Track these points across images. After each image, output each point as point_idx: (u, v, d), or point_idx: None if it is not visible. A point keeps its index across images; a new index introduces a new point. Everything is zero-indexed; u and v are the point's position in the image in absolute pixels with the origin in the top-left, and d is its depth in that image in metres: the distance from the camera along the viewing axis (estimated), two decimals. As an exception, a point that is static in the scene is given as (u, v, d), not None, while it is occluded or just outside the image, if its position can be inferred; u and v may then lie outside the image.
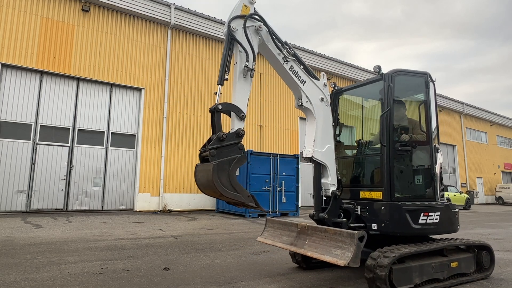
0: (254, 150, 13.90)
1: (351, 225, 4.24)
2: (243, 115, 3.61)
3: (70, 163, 12.41)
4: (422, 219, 4.13)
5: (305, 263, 4.70)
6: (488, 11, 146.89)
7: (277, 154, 13.61)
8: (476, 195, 28.88)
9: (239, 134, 3.48)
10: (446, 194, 20.23)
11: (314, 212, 4.26)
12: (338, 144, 5.03)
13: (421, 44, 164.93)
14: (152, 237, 7.33)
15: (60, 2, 12.65)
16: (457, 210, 4.60)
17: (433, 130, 4.56)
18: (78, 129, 12.73)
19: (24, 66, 11.85)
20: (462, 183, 28.62)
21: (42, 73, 12.29)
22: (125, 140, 13.64)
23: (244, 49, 3.72)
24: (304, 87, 4.23)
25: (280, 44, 4.10)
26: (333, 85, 5.33)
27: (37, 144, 11.93)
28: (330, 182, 4.23)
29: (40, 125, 12.06)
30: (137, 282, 4.02)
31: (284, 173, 13.41)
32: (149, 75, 14.18)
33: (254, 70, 3.78)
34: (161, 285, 3.94)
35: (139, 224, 9.45)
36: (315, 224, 4.05)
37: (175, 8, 14.72)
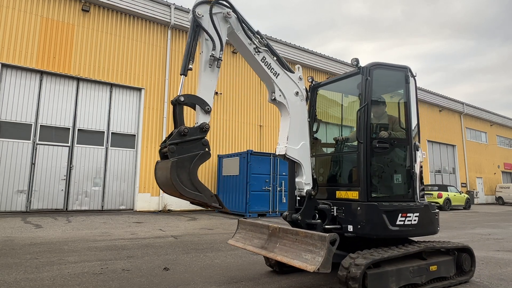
0: (254, 150, 13.90)
1: (326, 226, 4.02)
2: (208, 108, 3.36)
3: (70, 163, 12.41)
4: (400, 221, 3.92)
5: (278, 267, 4.48)
6: (488, 11, 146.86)
7: (275, 154, 13.59)
8: (476, 195, 28.88)
9: (203, 129, 3.22)
10: (446, 194, 20.25)
11: (288, 213, 4.02)
12: (315, 142, 4.87)
13: (421, 44, 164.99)
14: (152, 237, 7.33)
15: (60, 2, 12.65)
16: (437, 211, 4.42)
17: (413, 127, 4.35)
18: (78, 129, 12.73)
19: (24, 66, 11.85)
20: (462, 183, 28.62)
21: (42, 73, 12.29)
22: (125, 140, 13.64)
23: (211, 37, 3.45)
24: (277, 80, 3.98)
25: (251, 33, 3.83)
26: (310, 79, 5.12)
27: (37, 144, 11.93)
28: (305, 181, 4.03)
29: (40, 125, 12.07)
30: (137, 282, 4.02)
31: (284, 173, 13.40)
32: (149, 75, 14.17)
33: (221, 60, 3.52)
34: (161, 285, 3.94)
35: (139, 224, 9.45)
36: (287, 226, 3.82)
37: (175, 8, 14.72)
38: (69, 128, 12.58)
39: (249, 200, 12.61)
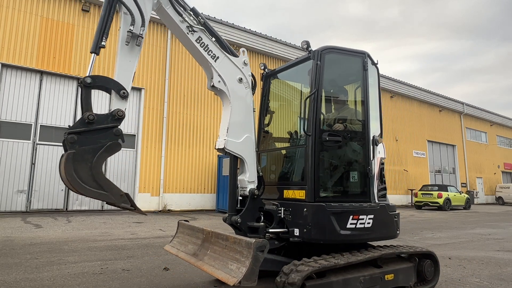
0: (254, 150, 13.87)
1: (271, 230, 3.60)
2: (124, 93, 2.89)
3: (70, 163, 12.39)
4: (351, 224, 3.47)
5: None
6: (485, 12, 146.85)
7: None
8: (476, 195, 28.87)
9: (116, 116, 2.76)
10: (446, 194, 20.23)
11: (228, 215, 3.60)
12: (266, 135, 4.45)
13: (418, 44, 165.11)
14: (152, 237, 7.33)
15: (60, 2, 12.65)
16: (396, 212, 3.97)
17: (372, 119, 3.89)
18: (78, 129, 12.71)
19: (24, 66, 11.85)
20: (462, 183, 28.62)
21: (42, 73, 12.29)
22: (125, 140, 13.61)
23: (129, 10, 2.99)
24: (216, 64, 3.51)
25: (183, 10, 3.35)
26: (262, 67, 4.67)
27: (37, 144, 11.92)
28: (248, 179, 3.57)
29: (40, 125, 12.06)
30: (137, 282, 4.02)
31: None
32: (149, 75, 14.17)
33: (142, 37, 3.06)
34: (161, 285, 3.94)
35: (139, 224, 9.45)
36: (231, 231, 3.46)
37: (175, 8, 14.67)
38: (69, 128, 12.56)
39: (249, 200, 12.57)
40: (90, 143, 2.59)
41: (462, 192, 22.78)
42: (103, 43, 2.89)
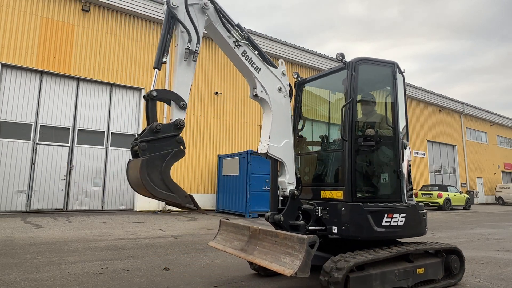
0: (254, 150, 13.88)
1: (310, 228, 3.86)
2: (183, 104, 3.18)
3: (70, 163, 12.41)
4: (385, 221, 3.77)
5: (263, 271, 4.33)
6: (485, 12, 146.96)
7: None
8: (476, 195, 28.87)
9: (178, 126, 3.07)
10: (446, 194, 20.23)
11: (270, 214, 3.88)
12: (300, 140, 4.73)
13: (418, 44, 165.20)
14: (152, 237, 7.33)
15: (60, 2, 12.65)
16: (425, 211, 4.31)
17: (401, 125, 4.21)
18: (78, 129, 12.73)
19: (24, 66, 11.85)
20: (462, 183, 28.62)
21: (42, 73, 12.29)
22: (125, 140, 13.63)
23: (186, 29, 3.26)
24: (258, 75, 3.81)
25: (230, 26, 3.66)
26: (295, 75, 4.99)
27: (37, 144, 11.93)
28: (288, 181, 3.88)
29: (40, 125, 12.06)
30: (137, 282, 4.02)
31: (284, 173, 13.37)
32: (149, 75, 14.17)
33: (198, 53, 3.34)
34: (161, 285, 3.94)
35: (139, 224, 9.45)
36: (271, 227, 3.71)
37: (175, 8, 14.69)
38: (69, 128, 12.57)
39: (249, 200, 12.60)
40: (158, 150, 2.91)
41: (462, 192, 22.78)
42: (164, 59, 3.18)
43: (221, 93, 15.96)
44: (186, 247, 6.24)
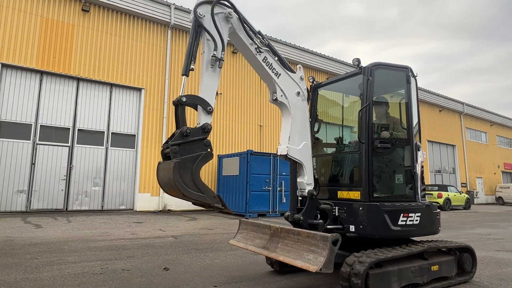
0: (254, 150, 13.89)
1: (328, 227, 4.02)
2: (210, 109, 3.36)
3: (70, 163, 12.41)
4: (401, 221, 3.93)
5: (279, 267, 4.48)
6: (484, 12, 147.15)
7: (277, 154, 13.59)
8: (476, 195, 28.88)
9: (206, 129, 3.23)
10: (446, 194, 20.23)
11: (289, 213, 4.05)
12: (316, 142, 4.86)
13: (417, 44, 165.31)
14: (152, 237, 7.33)
15: (60, 2, 12.65)
16: (438, 211, 4.43)
17: (414, 127, 4.37)
18: (78, 129, 12.73)
19: (24, 66, 11.85)
20: (462, 183, 28.62)
21: (42, 73, 12.29)
22: (125, 140, 13.64)
23: (212, 37, 3.45)
24: (278, 80, 3.99)
25: (252, 34, 3.83)
26: (311, 79, 5.14)
27: (37, 144, 11.93)
28: (306, 181, 4.02)
29: (40, 125, 12.07)
30: (137, 282, 4.02)
31: (284, 173, 13.40)
32: (149, 75, 14.17)
33: (223, 60, 3.52)
34: (161, 285, 3.94)
35: (139, 224, 9.45)
36: (289, 226, 3.83)
37: (175, 8, 14.72)
38: (69, 128, 12.58)
39: (249, 200, 12.61)
40: (188, 152, 3.07)
41: (462, 192, 22.79)
42: (192, 66, 3.32)
43: (221, 93, 15.97)
44: (186, 247, 6.24)
